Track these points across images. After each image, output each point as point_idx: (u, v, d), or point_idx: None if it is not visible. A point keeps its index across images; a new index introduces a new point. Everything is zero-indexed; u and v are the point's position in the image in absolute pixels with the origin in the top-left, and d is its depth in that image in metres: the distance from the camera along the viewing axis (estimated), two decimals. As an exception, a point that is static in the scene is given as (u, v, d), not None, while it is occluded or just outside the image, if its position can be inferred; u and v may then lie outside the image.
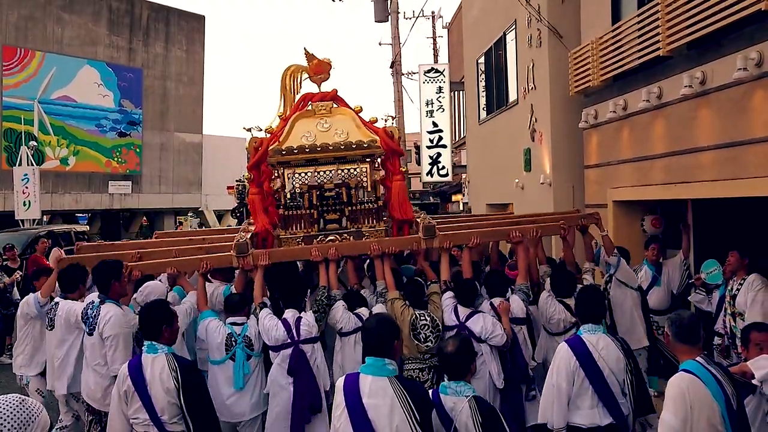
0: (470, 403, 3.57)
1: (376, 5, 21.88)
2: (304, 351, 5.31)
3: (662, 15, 7.11)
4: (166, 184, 34.15)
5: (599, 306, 4.72)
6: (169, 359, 4.13)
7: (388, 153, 6.28)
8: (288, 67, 6.61)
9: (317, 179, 6.12)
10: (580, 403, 4.38)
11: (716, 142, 6.59)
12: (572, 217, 6.65)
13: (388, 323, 3.75)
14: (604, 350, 4.40)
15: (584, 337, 4.47)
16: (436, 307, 5.58)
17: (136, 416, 4.05)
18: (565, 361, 4.38)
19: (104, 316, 5.02)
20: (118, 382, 4.18)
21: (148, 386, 4.04)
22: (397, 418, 3.35)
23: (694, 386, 3.43)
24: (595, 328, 4.53)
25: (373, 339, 3.60)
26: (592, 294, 4.84)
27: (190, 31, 35.23)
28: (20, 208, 21.18)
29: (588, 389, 4.35)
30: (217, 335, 5.41)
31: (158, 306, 4.41)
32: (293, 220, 6.24)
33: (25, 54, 27.09)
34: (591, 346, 4.40)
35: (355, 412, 3.40)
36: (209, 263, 5.89)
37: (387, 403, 3.38)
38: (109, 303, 5.10)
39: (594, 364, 4.35)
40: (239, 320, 5.50)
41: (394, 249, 6.04)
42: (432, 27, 30.51)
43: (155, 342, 4.17)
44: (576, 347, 4.42)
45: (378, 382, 3.45)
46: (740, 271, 6.16)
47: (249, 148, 6.13)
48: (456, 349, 3.75)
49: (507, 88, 12.70)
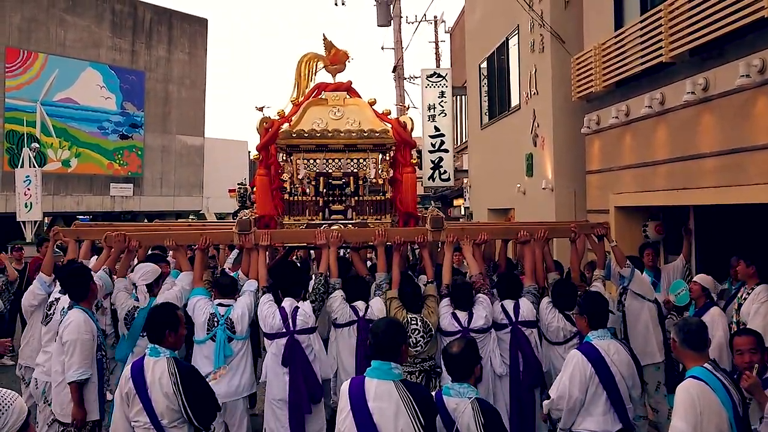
0: (473, 405, 3.57)
1: (378, 10, 21.93)
2: (299, 341, 5.32)
3: (665, 21, 7.12)
4: (168, 187, 34.18)
5: (603, 311, 4.70)
6: (170, 364, 4.09)
7: (399, 144, 6.23)
8: (305, 54, 6.63)
9: (326, 167, 6.09)
10: (592, 410, 4.34)
11: (719, 149, 6.59)
12: (583, 224, 6.63)
13: (398, 327, 3.73)
14: (615, 355, 4.39)
15: (595, 344, 4.43)
16: (430, 312, 5.54)
17: (137, 419, 4.02)
18: (581, 370, 4.33)
19: (65, 321, 4.97)
20: (120, 384, 4.16)
21: (148, 389, 4.02)
22: (402, 422, 3.35)
23: (704, 393, 3.42)
24: (604, 333, 4.51)
25: (381, 342, 3.58)
26: (596, 299, 4.81)
27: (192, 34, 35.28)
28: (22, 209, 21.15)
29: (602, 396, 4.33)
30: (201, 314, 5.47)
31: (165, 310, 4.38)
32: (298, 207, 6.19)
33: (28, 56, 27.11)
34: (603, 352, 4.37)
35: (361, 415, 3.40)
36: (209, 238, 5.89)
37: (392, 406, 3.38)
38: (76, 309, 5.03)
39: (608, 371, 4.33)
40: (226, 302, 5.53)
41: (400, 239, 5.98)
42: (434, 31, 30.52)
43: (158, 345, 4.16)
44: (589, 354, 4.38)
45: (383, 385, 3.45)
46: (750, 279, 6.00)
47: (259, 128, 6.06)
48: (461, 350, 3.75)
49: (509, 93, 12.71)
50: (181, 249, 6.02)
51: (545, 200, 10.51)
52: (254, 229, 5.83)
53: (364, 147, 6.10)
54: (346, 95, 6.43)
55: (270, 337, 5.44)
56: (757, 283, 5.92)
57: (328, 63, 6.59)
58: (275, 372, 5.38)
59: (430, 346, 5.49)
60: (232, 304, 5.56)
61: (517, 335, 5.58)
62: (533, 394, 5.54)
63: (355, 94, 6.53)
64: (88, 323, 4.98)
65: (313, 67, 6.59)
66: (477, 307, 5.54)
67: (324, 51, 6.60)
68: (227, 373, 5.42)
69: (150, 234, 6.17)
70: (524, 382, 5.49)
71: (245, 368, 5.51)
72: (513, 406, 5.44)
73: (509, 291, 5.83)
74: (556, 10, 10.33)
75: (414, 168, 6.29)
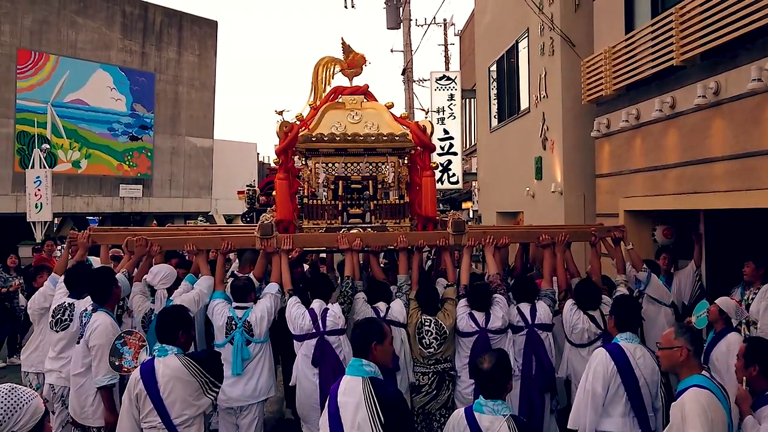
0: (508, 423, 3.47)
1: (388, 12, 21.97)
2: (330, 342, 5.38)
3: (676, 25, 7.10)
4: (177, 188, 34.30)
5: (636, 315, 4.68)
6: (180, 357, 4.13)
7: (419, 147, 6.25)
8: (322, 58, 6.67)
9: (345, 170, 6.11)
10: (611, 410, 4.31)
11: (729, 153, 6.55)
12: (600, 228, 6.62)
13: (370, 326, 3.82)
14: (641, 359, 4.37)
15: (622, 344, 4.42)
16: (446, 315, 5.59)
17: (148, 420, 4.03)
18: (603, 365, 4.31)
19: (92, 324, 4.98)
20: (129, 386, 4.17)
21: (160, 389, 4.03)
22: (360, 416, 3.42)
23: (712, 401, 3.41)
24: (632, 337, 4.49)
25: (354, 341, 3.80)
26: (629, 302, 4.80)
27: (202, 36, 35.41)
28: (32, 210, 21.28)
29: (622, 396, 4.30)
30: (219, 318, 5.53)
31: (177, 311, 4.41)
32: (317, 211, 6.22)
33: (39, 57, 27.27)
34: (629, 353, 4.35)
35: (331, 408, 3.52)
36: (231, 243, 5.93)
37: (355, 400, 3.47)
38: (101, 312, 5.07)
39: (631, 372, 4.30)
40: (243, 305, 5.59)
41: (421, 243, 6.02)
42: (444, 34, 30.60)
43: (166, 345, 4.18)
44: (614, 352, 4.37)
45: (353, 381, 3.54)
46: (756, 280, 6.09)
47: (279, 132, 6.09)
48: (492, 366, 3.61)
49: (519, 96, 12.68)
50: (202, 254, 6.03)
51: (554, 204, 10.48)
52: (276, 234, 5.86)
53: (383, 150, 6.13)
54: (363, 99, 6.45)
55: (299, 339, 5.47)
56: (762, 283, 5.96)
57: (345, 67, 6.62)
58: (305, 374, 5.42)
59: (444, 348, 5.54)
60: (250, 307, 5.59)
61: (532, 338, 5.59)
62: (543, 398, 5.54)
63: (371, 97, 6.55)
64: (114, 327, 5.04)
65: (331, 70, 6.61)
66: (494, 308, 5.58)
67: (342, 55, 6.63)
68: (244, 377, 5.44)
69: (171, 239, 6.17)
70: (536, 385, 5.49)
71: (262, 371, 5.54)
72: (523, 409, 5.43)
73: (525, 294, 5.84)
74: (567, 13, 10.29)
75: (433, 172, 6.31)
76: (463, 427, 3.57)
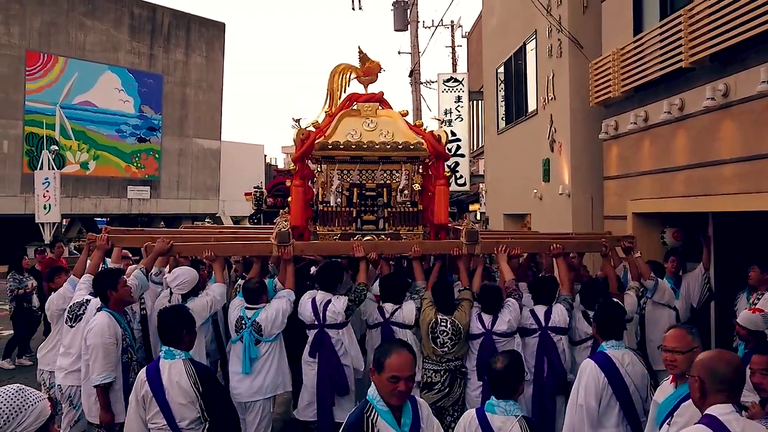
0: (521, 423, 3.46)
1: (395, 14, 21.99)
2: (329, 335, 5.58)
3: (685, 27, 7.06)
4: (184, 190, 34.42)
5: (620, 322, 4.64)
6: (187, 365, 4.13)
7: (433, 156, 6.29)
8: (337, 65, 6.72)
9: (360, 177, 6.16)
10: (605, 422, 4.28)
11: (738, 155, 6.52)
12: (609, 237, 6.62)
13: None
14: (630, 366, 4.33)
15: (609, 353, 4.37)
16: (463, 314, 5.60)
17: (154, 421, 4.06)
18: (594, 378, 4.27)
19: (90, 323, 5.04)
20: (136, 387, 4.19)
21: (165, 392, 4.05)
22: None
23: None
24: (618, 344, 4.44)
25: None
26: (611, 310, 4.74)
27: (210, 38, 35.54)
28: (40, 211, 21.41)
29: (615, 407, 4.27)
30: (233, 316, 5.73)
31: (178, 311, 4.41)
32: (330, 217, 6.27)
33: (48, 59, 27.43)
34: (617, 362, 4.32)
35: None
36: (249, 251, 6.10)
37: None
38: (103, 312, 5.10)
39: (621, 381, 4.27)
40: (254, 306, 5.69)
41: (435, 252, 6.14)
42: (451, 36, 30.53)
43: (173, 348, 4.18)
44: (602, 363, 4.32)
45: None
46: (762, 285, 6.07)
47: (295, 139, 6.16)
48: (505, 367, 3.61)
49: (526, 98, 12.65)
50: (219, 260, 6.04)
51: (562, 206, 10.45)
52: (293, 241, 5.91)
53: (398, 159, 6.18)
54: (378, 106, 6.48)
55: (307, 328, 5.75)
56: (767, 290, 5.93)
57: (360, 74, 6.66)
58: (307, 361, 5.69)
59: (458, 348, 5.56)
60: (261, 307, 5.65)
61: (545, 340, 5.60)
62: (555, 401, 5.53)
63: (386, 104, 6.59)
64: (112, 327, 5.03)
65: (346, 77, 6.65)
66: (503, 311, 5.59)
67: (358, 62, 6.67)
68: (251, 375, 5.55)
69: (189, 246, 6.18)
70: (547, 388, 5.49)
71: (270, 369, 5.62)
72: (534, 412, 5.42)
73: (542, 294, 5.86)
74: (575, 14, 10.27)
75: (446, 180, 6.40)
76: (474, 428, 3.55)
